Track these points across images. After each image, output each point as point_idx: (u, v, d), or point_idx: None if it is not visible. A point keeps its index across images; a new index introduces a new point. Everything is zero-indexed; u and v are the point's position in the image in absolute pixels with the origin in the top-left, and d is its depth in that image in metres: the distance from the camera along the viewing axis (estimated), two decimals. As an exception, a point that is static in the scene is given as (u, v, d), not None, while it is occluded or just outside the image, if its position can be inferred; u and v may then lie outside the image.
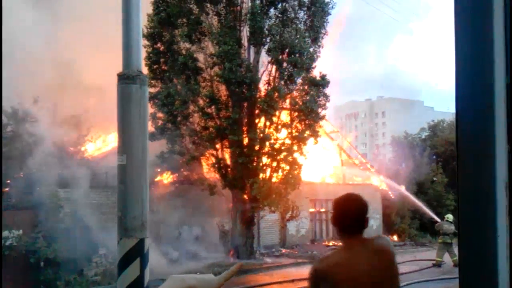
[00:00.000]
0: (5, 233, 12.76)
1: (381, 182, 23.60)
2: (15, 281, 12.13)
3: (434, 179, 24.03)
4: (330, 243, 21.33)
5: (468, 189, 1.25)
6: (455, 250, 15.94)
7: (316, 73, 16.54)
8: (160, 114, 16.41)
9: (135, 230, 4.35)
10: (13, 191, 13.86)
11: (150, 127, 15.74)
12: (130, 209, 4.39)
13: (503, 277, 1.19)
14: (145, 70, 15.56)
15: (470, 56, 1.24)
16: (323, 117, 16.87)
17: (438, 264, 15.65)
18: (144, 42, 15.36)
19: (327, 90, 16.54)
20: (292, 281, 12.87)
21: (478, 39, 1.22)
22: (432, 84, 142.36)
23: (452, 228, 16.17)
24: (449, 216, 16.73)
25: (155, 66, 16.45)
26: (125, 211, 4.41)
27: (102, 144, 19.22)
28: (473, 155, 1.25)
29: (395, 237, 23.27)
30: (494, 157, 1.20)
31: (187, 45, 16.41)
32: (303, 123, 16.34)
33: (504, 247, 1.20)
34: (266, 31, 16.11)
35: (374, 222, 23.96)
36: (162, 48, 16.60)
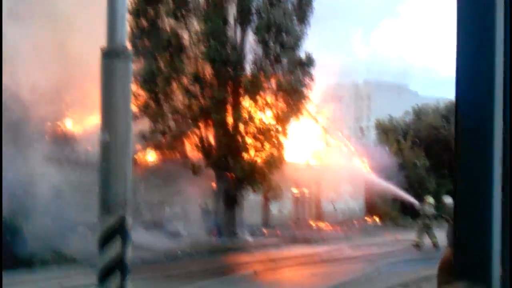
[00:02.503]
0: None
1: (364, 164, 23.84)
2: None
3: (417, 162, 24.38)
4: (313, 224, 21.59)
5: (466, 171, 1.25)
6: (435, 231, 16.33)
7: (302, 53, 16.45)
8: (142, 92, 16.12)
9: (117, 207, 4.29)
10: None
11: (133, 105, 15.49)
12: (113, 186, 4.32)
13: (496, 254, 1.20)
14: (128, 47, 15.23)
15: (471, 46, 1.25)
16: (307, 97, 16.84)
17: (418, 245, 15.98)
18: (128, 18, 14.97)
19: (312, 71, 16.49)
20: (274, 260, 12.99)
21: (480, 28, 1.23)
22: (418, 68, 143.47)
23: (431, 210, 16.51)
24: (430, 198, 17.02)
25: (138, 43, 16.10)
26: (107, 189, 4.34)
27: (83, 121, 18.86)
28: (472, 140, 1.26)
29: (376, 218, 23.66)
30: (492, 139, 1.20)
31: (172, 22, 16.09)
32: (287, 103, 16.30)
33: (498, 225, 1.22)
34: (254, 10, 15.89)
35: (357, 204, 24.31)
36: (146, 24, 16.24)
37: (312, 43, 18.19)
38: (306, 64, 16.30)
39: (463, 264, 1.24)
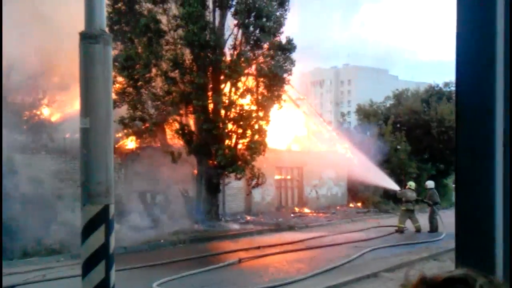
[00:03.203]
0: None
1: (346, 149, 23.99)
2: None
3: (398, 147, 24.60)
4: (296, 210, 21.67)
5: (466, 151, 1.25)
6: (417, 216, 16.56)
7: (282, 38, 16.31)
8: (120, 78, 15.79)
9: (100, 196, 4.18)
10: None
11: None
12: (95, 174, 4.20)
13: (499, 240, 1.18)
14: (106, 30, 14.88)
15: (471, 35, 1.23)
16: (287, 82, 16.73)
17: (401, 230, 16.13)
18: (106, 1, 14.58)
19: (293, 55, 16.39)
20: (258, 247, 12.99)
21: (480, 17, 1.21)
22: (398, 53, 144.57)
23: (414, 195, 16.67)
24: (411, 184, 17.14)
25: (115, 27, 15.72)
26: (89, 177, 4.22)
27: (60, 107, 18.43)
28: (473, 124, 1.25)
29: (359, 204, 23.90)
30: (494, 118, 1.18)
31: (150, 5, 15.74)
32: (268, 89, 16.20)
33: (500, 209, 1.19)
34: (233, -7, 15.66)
35: (339, 190, 24.49)
36: (123, 8, 15.86)
37: (292, 27, 18.10)
38: (287, 48, 16.18)
39: (464, 250, 1.23)
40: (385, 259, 11.51)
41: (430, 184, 17.52)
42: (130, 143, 17.86)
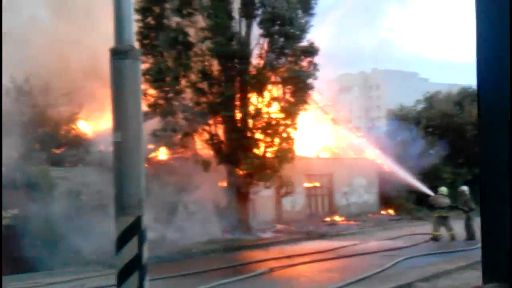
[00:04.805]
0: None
1: (376, 156, 23.63)
2: (11, 261, 12.08)
3: (431, 151, 24.00)
4: (327, 219, 21.44)
5: (489, 159, 1.23)
6: (451, 223, 15.99)
7: (305, 42, 16.28)
8: (151, 92, 16.14)
9: (132, 207, 4.27)
10: (6, 171, 13.67)
11: (143, 105, 15.51)
12: (126, 186, 4.30)
13: None
14: (136, 45, 15.23)
15: (491, 31, 1.22)
16: (312, 87, 16.64)
17: (436, 238, 15.63)
18: (135, 17, 14.99)
19: (318, 60, 16.33)
20: (289, 257, 12.92)
21: (499, 17, 1.20)
22: (429, 55, 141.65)
23: (446, 201, 16.12)
24: (443, 189, 16.50)
25: (146, 42, 16.11)
26: (121, 189, 4.32)
27: (96, 121, 18.99)
28: (494, 125, 1.23)
29: (391, 211, 23.43)
30: None
31: (178, 19, 16.06)
32: (293, 95, 16.18)
33: None
34: (258, 3, 15.81)
35: (371, 196, 24.11)
36: (153, 22, 16.23)
37: (317, 33, 18.06)
38: (310, 52, 16.14)
39: (490, 263, 1.20)
40: (420, 268, 11.16)
41: (465, 189, 16.81)
42: (162, 154, 18.17)
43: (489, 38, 1.16)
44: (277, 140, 16.12)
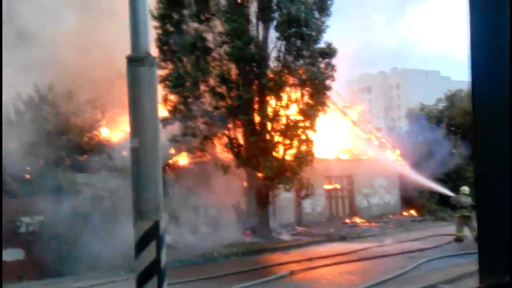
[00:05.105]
0: (26, 219, 13.02)
1: (397, 156, 23.34)
2: (37, 266, 12.37)
3: (453, 150, 23.52)
4: (348, 221, 21.27)
5: (486, 159, 1.23)
6: (474, 223, 15.64)
7: (322, 44, 16.23)
8: (171, 97, 16.32)
9: (150, 212, 4.34)
10: (32, 178, 14.05)
11: (163, 110, 15.72)
12: (144, 191, 4.37)
13: None
14: (156, 52, 15.55)
15: (484, 27, 1.21)
16: (330, 88, 16.52)
17: (459, 239, 15.32)
18: (154, 23, 15.21)
19: (337, 62, 16.24)
20: (310, 259, 12.87)
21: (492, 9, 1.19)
22: (448, 53, 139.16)
23: (469, 200, 15.74)
24: (465, 189, 16.10)
25: (165, 48, 16.32)
26: (139, 194, 4.39)
27: (117, 128, 19.31)
28: (490, 123, 1.23)
29: (413, 212, 23.09)
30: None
31: (196, 24, 16.22)
32: (311, 97, 16.14)
33: None
34: (274, 6, 15.84)
35: (392, 198, 23.81)
36: (171, 29, 16.43)
37: (335, 34, 17.98)
38: (327, 53, 16.08)
39: (487, 263, 1.20)
40: (444, 270, 10.98)
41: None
42: (182, 159, 18.34)
43: (484, 33, 1.15)
44: (296, 143, 16.09)
